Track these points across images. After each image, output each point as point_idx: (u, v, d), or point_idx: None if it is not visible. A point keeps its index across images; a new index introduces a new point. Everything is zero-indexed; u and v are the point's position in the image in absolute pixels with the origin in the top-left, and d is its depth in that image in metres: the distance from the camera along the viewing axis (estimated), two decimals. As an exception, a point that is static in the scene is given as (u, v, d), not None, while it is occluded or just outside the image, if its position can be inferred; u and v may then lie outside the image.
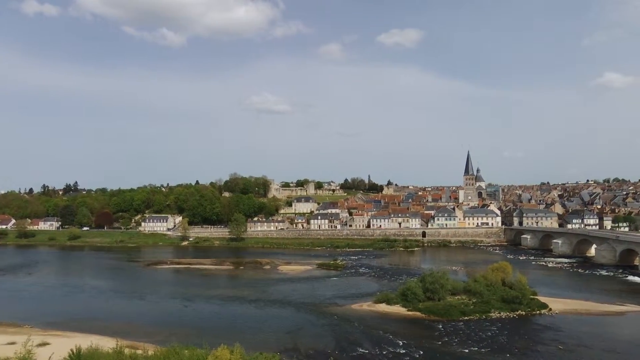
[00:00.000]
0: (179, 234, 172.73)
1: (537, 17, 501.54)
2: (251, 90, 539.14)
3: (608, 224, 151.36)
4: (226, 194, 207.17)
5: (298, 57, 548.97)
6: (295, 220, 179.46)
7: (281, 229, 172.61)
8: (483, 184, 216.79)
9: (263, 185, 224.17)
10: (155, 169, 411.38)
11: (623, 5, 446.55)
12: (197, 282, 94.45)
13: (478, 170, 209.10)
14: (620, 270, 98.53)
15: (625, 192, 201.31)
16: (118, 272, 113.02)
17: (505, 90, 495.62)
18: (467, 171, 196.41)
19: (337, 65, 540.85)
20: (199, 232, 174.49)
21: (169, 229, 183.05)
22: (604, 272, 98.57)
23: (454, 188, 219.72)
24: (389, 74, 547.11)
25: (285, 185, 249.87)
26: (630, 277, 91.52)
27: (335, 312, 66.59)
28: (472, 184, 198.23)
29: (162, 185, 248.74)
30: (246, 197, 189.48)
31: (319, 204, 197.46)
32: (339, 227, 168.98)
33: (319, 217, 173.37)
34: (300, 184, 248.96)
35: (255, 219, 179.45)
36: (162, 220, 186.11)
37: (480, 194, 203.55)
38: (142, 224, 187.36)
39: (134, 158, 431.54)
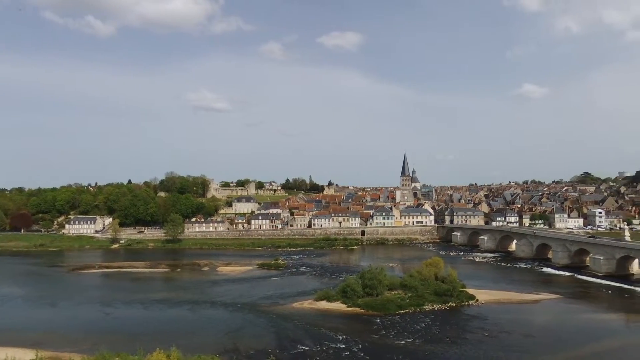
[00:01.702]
0: (109, 236, 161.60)
1: (468, 28, 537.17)
2: (189, 87, 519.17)
3: (527, 221, 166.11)
4: (162, 194, 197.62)
5: (238, 54, 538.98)
6: (236, 221, 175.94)
7: (221, 229, 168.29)
8: (418, 185, 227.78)
9: (202, 184, 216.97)
10: (82, 167, 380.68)
11: (537, 23, 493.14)
12: (129, 286, 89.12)
13: (414, 172, 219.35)
14: (537, 263, 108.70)
15: (541, 193, 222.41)
16: (37, 278, 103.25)
17: (439, 95, 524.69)
18: (403, 172, 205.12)
19: (278, 64, 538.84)
20: (131, 234, 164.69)
21: (97, 231, 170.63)
22: (523, 265, 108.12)
23: (391, 188, 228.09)
24: (330, 75, 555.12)
25: (225, 185, 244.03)
26: (545, 269, 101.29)
27: (276, 311, 66.34)
28: (408, 185, 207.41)
29: (89, 185, 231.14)
30: (184, 197, 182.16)
31: (260, 204, 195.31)
32: (280, 227, 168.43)
33: (260, 217, 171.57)
34: (241, 183, 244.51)
35: (194, 219, 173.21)
36: (89, 222, 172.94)
37: (415, 194, 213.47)
38: (67, 226, 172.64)
39: (57, 155, 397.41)
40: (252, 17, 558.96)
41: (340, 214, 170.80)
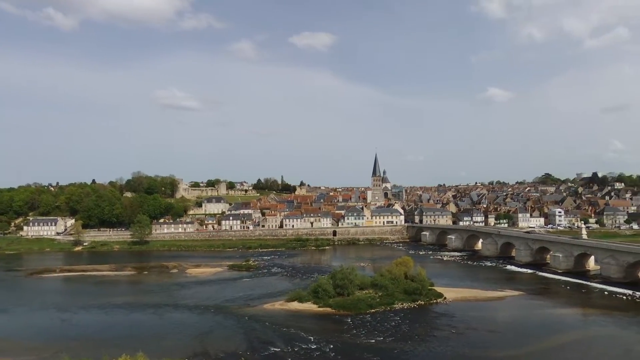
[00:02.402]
0: (71, 238, 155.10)
1: (436, 32, 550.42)
2: (157, 84, 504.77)
3: (492, 220, 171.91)
4: (128, 194, 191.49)
5: (209, 52, 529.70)
6: (206, 222, 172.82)
7: (190, 230, 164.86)
8: (389, 185, 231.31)
9: (170, 185, 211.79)
10: (43, 166, 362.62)
11: (502, 30, 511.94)
12: (93, 291, 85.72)
13: (384, 172, 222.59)
14: (501, 261, 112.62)
15: (505, 193, 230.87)
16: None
17: (409, 97, 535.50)
18: (374, 173, 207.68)
19: (250, 63, 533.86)
20: (95, 235, 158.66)
21: (58, 233, 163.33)
22: (488, 263, 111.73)
23: (362, 189, 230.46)
24: (302, 76, 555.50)
25: (195, 185, 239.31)
26: (508, 267, 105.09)
27: (246, 312, 65.63)
28: (379, 185, 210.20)
29: (50, 185, 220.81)
30: (151, 198, 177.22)
31: (230, 204, 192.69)
32: (251, 227, 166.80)
33: (231, 218, 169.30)
34: (211, 184, 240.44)
35: (162, 220, 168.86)
36: (50, 224, 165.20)
37: (386, 194, 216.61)
38: (25, 227, 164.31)
39: (15, 153, 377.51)
40: (223, 15, 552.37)
41: (312, 215, 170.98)
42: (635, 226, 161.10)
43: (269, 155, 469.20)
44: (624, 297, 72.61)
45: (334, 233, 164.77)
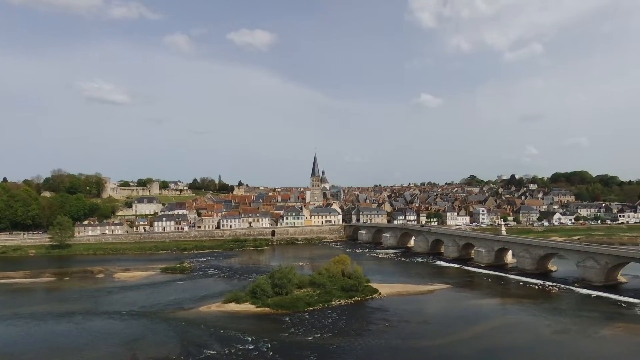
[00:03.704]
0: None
1: (373, 37, 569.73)
2: (80, 75, 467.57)
3: (423, 219, 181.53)
4: (47, 194, 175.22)
5: (140, 44, 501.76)
6: (136, 223, 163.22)
7: (119, 232, 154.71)
8: (327, 185, 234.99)
9: (96, 184, 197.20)
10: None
11: (433, 39, 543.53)
12: (4, 300, 77.10)
13: (323, 173, 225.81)
14: (431, 257, 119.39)
15: (435, 194, 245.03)
16: None
17: (347, 99, 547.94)
18: (313, 173, 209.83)
19: (185, 58, 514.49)
20: (7, 239, 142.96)
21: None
22: (420, 259, 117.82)
23: (302, 189, 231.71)
24: (240, 73, 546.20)
25: (125, 184, 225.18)
26: (438, 262, 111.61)
27: (181, 316, 63.11)
28: (318, 185, 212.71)
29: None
30: (74, 198, 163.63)
31: (164, 204, 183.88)
32: (186, 228, 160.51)
33: (164, 219, 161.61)
34: (143, 183, 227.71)
35: (86, 222, 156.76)
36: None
37: (325, 194, 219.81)
38: None
39: None
40: (156, 5, 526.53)
41: (250, 215, 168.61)
42: (545, 223, 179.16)
43: (206, 154, 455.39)
44: (536, 287, 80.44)
45: (273, 233, 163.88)
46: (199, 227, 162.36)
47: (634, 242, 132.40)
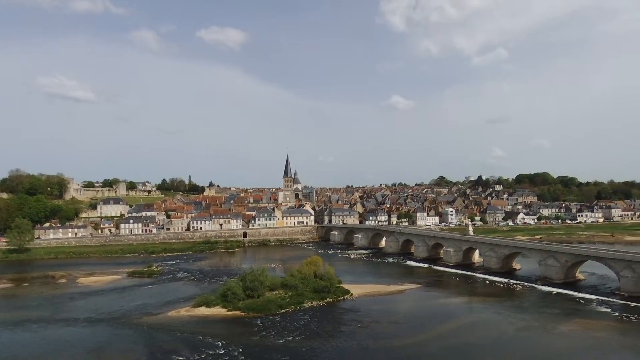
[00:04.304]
0: None
1: (345, 39, 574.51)
2: (39, 70, 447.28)
3: (394, 220, 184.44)
4: (4, 195, 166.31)
5: (105, 39, 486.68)
6: (101, 225, 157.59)
7: (83, 235, 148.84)
8: (300, 186, 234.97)
9: (58, 184, 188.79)
10: None
11: (404, 42, 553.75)
12: (-45, 309, 72.74)
13: (296, 173, 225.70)
14: (402, 257, 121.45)
15: (406, 194, 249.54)
16: None
17: (319, 100, 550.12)
18: (286, 174, 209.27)
19: (153, 55, 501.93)
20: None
21: None
22: (390, 260, 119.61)
23: (274, 189, 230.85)
24: (211, 72, 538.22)
25: (89, 185, 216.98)
26: (408, 262, 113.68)
27: (148, 322, 61.44)
28: (290, 186, 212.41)
29: None
30: (34, 199, 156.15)
31: (131, 206, 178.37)
32: (154, 230, 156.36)
33: (132, 221, 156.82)
34: (109, 184, 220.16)
35: (47, 224, 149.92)
36: None
37: (297, 195, 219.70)
38: None
39: None
40: (123, 0, 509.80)
41: (221, 216, 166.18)
42: (510, 223, 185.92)
43: (176, 154, 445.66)
44: (501, 285, 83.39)
45: (245, 234, 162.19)
46: (168, 229, 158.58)
47: (591, 241, 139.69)
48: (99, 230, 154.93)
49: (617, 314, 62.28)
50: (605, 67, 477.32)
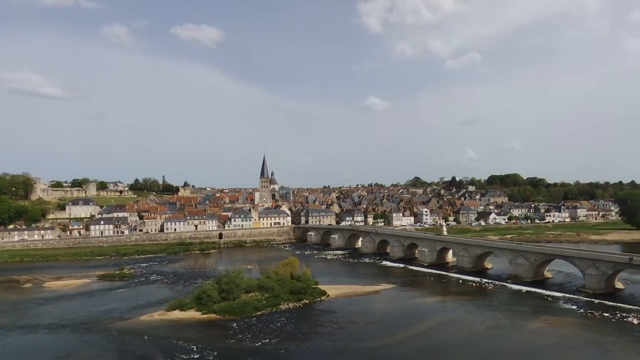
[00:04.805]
0: None
1: (323, 40, 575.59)
2: (4, 65, 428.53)
3: (371, 220, 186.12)
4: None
5: (75, 34, 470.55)
6: (70, 227, 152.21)
7: (50, 237, 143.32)
8: (277, 187, 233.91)
9: (24, 184, 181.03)
10: None
11: (380, 43, 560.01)
12: None
13: (272, 174, 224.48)
14: (378, 257, 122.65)
15: (382, 195, 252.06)
16: None
17: (296, 100, 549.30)
18: (262, 174, 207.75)
19: (126, 51, 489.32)
20: None
21: None
22: (367, 260, 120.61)
23: (250, 190, 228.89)
24: (186, 70, 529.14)
25: (57, 185, 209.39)
26: (384, 262, 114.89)
27: (120, 326, 59.75)
28: (267, 186, 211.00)
29: None
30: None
31: (102, 207, 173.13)
32: (127, 232, 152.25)
33: (102, 222, 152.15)
34: (78, 184, 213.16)
35: (11, 226, 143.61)
36: None
37: (274, 196, 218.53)
38: None
39: None
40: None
41: (196, 217, 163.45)
42: (482, 223, 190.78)
43: (149, 154, 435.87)
44: (473, 284, 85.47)
45: (220, 236, 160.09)
46: (141, 230, 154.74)
47: (558, 240, 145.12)
48: (68, 232, 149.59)
49: (582, 310, 64.93)
50: (569, 72, 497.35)
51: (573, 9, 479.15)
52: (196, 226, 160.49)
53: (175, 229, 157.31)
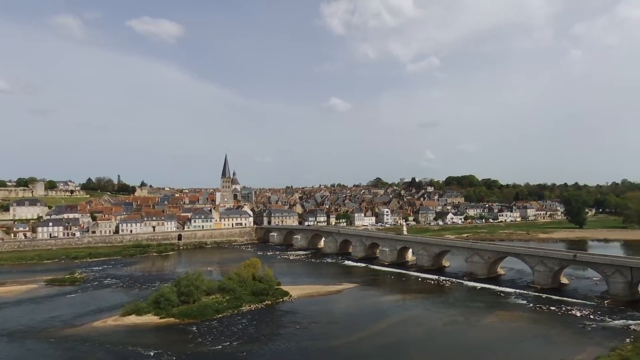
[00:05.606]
0: None
1: (285, 40, 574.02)
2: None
3: (333, 220, 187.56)
4: None
5: (21, 23, 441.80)
6: (15, 229, 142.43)
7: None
8: (238, 187, 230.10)
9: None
10: None
11: (343, 45, 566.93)
12: None
13: (234, 174, 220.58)
14: (340, 257, 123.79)
15: (344, 195, 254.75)
16: None
17: (258, 99, 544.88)
18: (224, 174, 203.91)
19: (77, 44, 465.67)
20: None
21: None
22: (329, 260, 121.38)
23: (211, 190, 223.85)
24: (143, 65, 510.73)
25: (0, 184, 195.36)
26: (346, 262, 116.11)
27: (70, 334, 56.65)
28: (229, 187, 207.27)
29: None
30: None
31: (51, 207, 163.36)
32: (78, 234, 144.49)
33: (51, 224, 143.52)
34: (24, 183, 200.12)
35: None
36: None
37: (235, 196, 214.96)
38: None
39: None
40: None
41: (154, 218, 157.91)
42: (440, 222, 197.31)
43: (103, 152, 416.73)
44: (432, 282, 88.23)
45: (180, 237, 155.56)
46: (94, 232, 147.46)
47: (510, 238, 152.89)
48: (12, 235, 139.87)
49: (531, 305, 68.70)
50: (519, 79, 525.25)
51: (523, 20, 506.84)
52: (154, 227, 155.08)
53: (131, 231, 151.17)
